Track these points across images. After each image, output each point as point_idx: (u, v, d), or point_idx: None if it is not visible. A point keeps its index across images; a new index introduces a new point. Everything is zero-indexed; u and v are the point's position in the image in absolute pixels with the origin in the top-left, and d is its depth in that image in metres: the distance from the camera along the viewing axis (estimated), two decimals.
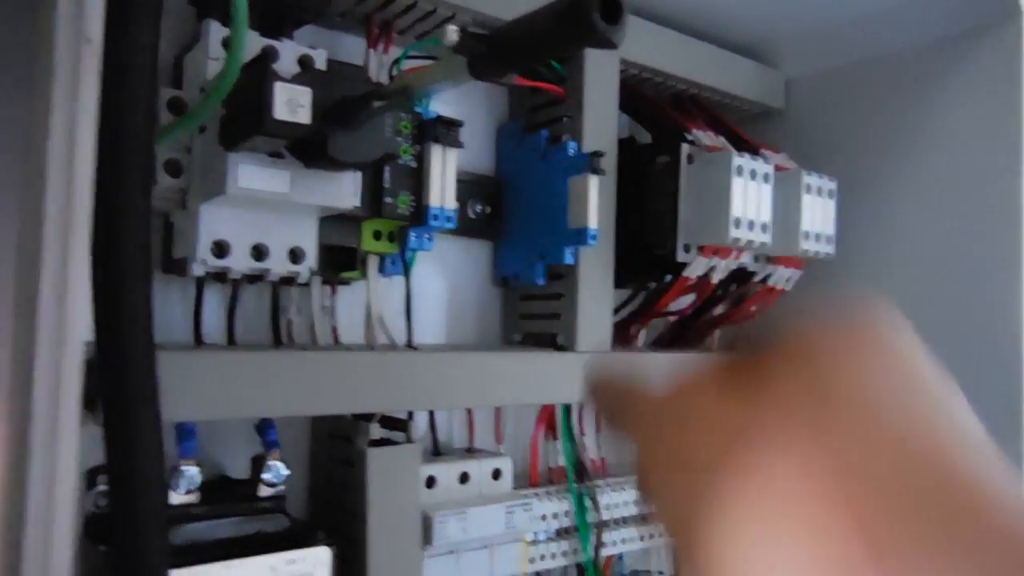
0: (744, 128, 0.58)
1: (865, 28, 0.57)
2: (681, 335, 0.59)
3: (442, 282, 0.53)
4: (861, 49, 0.58)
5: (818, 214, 0.53)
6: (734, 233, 0.48)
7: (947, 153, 0.53)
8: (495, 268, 0.55)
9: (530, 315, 0.53)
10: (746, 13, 0.57)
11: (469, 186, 0.53)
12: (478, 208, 0.53)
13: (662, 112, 0.55)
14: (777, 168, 0.53)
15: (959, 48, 0.53)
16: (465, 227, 0.53)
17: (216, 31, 0.36)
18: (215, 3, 0.37)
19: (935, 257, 0.54)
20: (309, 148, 0.32)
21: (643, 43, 0.52)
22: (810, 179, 0.53)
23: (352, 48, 0.47)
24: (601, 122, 0.50)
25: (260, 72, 0.30)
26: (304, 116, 0.30)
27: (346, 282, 0.46)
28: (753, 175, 0.49)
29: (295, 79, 0.30)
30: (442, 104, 0.48)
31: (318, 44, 0.40)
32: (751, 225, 0.49)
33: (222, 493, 0.39)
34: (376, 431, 0.42)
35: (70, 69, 0.18)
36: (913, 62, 0.55)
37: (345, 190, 0.36)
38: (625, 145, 0.54)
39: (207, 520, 0.37)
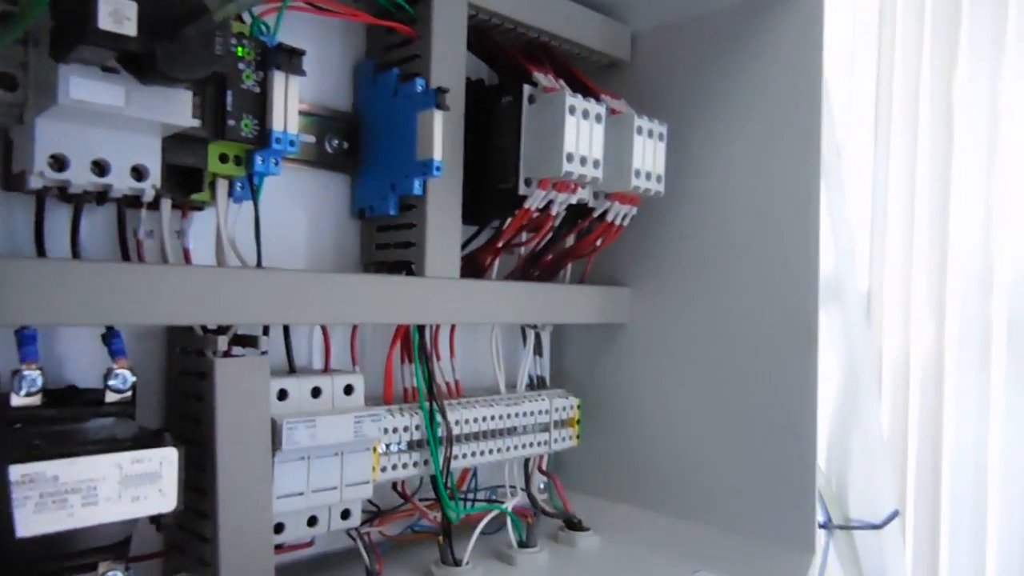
0: (594, 79, 0.63)
1: None
2: (533, 267, 0.64)
3: (301, 213, 0.56)
4: (697, 6, 0.64)
5: (649, 154, 0.58)
6: (567, 167, 0.53)
7: (759, 104, 0.60)
8: (352, 201, 0.57)
9: (385, 245, 0.56)
10: None
11: (327, 121, 0.55)
12: (335, 143, 0.56)
13: (509, 57, 0.59)
14: (613, 112, 0.58)
15: (771, 8, 0.59)
16: (323, 161, 0.56)
17: None
18: None
19: (746, 199, 0.61)
20: (139, 62, 0.34)
21: None
22: (641, 122, 0.58)
23: None
24: (449, 62, 0.53)
25: None
26: (130, 28, 0.32)
27: (199, 207, 0.48)
28: (586, 115, 0.54)
29: None
30: (298, 40, 0.50)
31: None
32: (583, 161, 0.54)
33: (69, 398, 0.41)
34: (223, 345, 0.45)
35: None
36: (735, 20, 0.61)
37: (181, 107, 0.38)
38: (474, 86, 0.58)
39: (52, 423, 0.39)
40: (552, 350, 0.72)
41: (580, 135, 0.53)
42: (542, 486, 0.68)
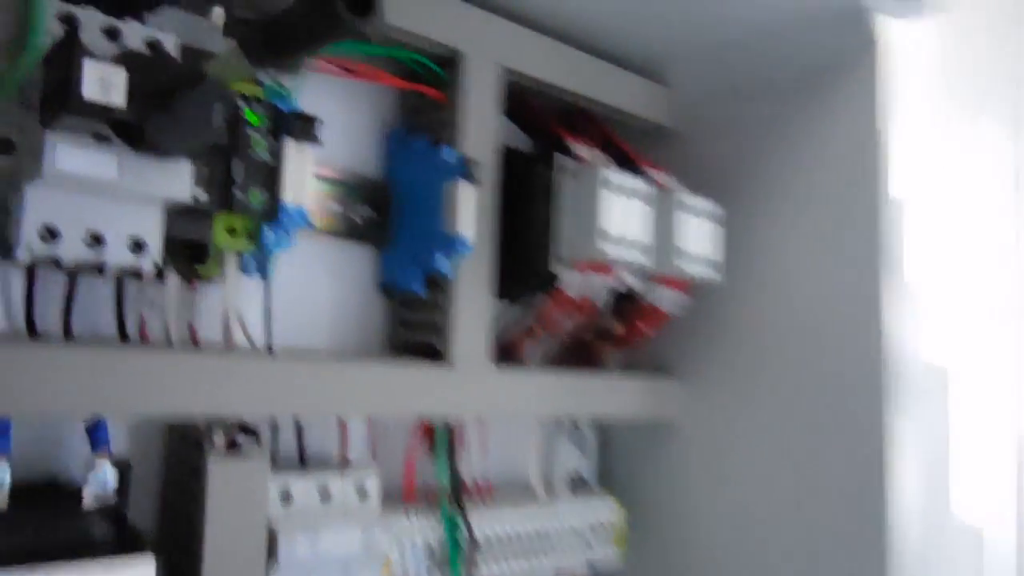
0: (638, 146, 0.58)
1: (749, 50, 0.58)
2: (574, 353, 0.59)
3: (325, 286, 0.52)
4: (744, 72, 0.59)
5: (699, 236, 0.53)
6: (602, 247, 0.47)
7: (818, 177, 0.54)
8: (378, 274, 0.53)
9: (411, 324, 0.52)
10: (636, 30, 0.57)
11: (354, 189, 0.52)
12: (362, 212, 0.52)
13: (544, 122, 0.54)
14: (659, 187, 0.53)
15: (825, 77, 0.54)
16: (350, 231, 0.52)
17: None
18: None
19: (807, 283, 0.54)
20: (131, 132, 0.31)
21: (527, 53, 0.52)
22: (689, 199, 0.52)
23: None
24: (481, 128, 0.49)
25: (68, 47, 0.28)
26: (117, 97, 0.29)
27: (208, 279, 0.45)
28: (624, 191, 0.49)
29: (113, 59, 0.29)
30: (325, 103, 0.47)
31: (180, 30, 0.38)
32: (623, 241, 0.48)
33: (41, 497, 0.36)
34: (222, 439, 0.40)
35: None
36: (788, 88, 0.56)
37: (180, 180, 0.34)
38: (510, 153, 0.54)
39: (18, 524, 0.35)
40: (598, 446, 0.65)
41: (617, 213, 0.48)
42: None
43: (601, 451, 0.66)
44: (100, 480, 0.37)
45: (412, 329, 0.52)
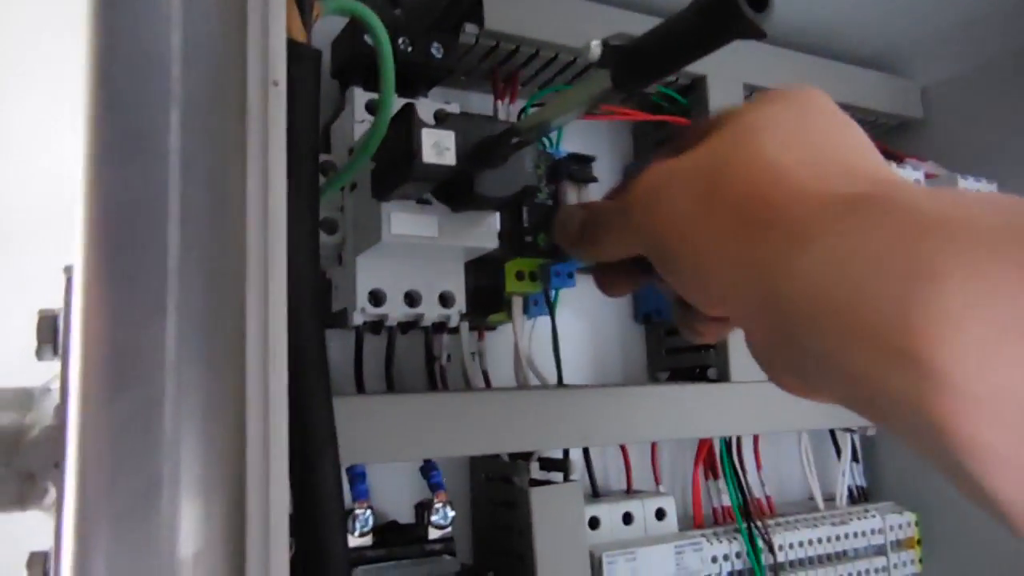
0: (885, 142, 0.56)
1: (993, 25, 0.54)
2: None
3: (584, 322, 0.53)
4: (992, 47, 0.55)
5: None
6: None
7: None
8: (636, 305, 0.54)
9: (675, 349, 0.52)
10: (871, 25, 0.56)
11: None
12: None
13: None
14: (927, 176, 0.50)
15: None
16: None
17: (360, 96, 0.39)
18: (357, 71, 0.40)
19: None
20: (454, 190, 0.34)
21: (767, 67, 0.52)
22: (966, 183, 0.49)
23: (479, 104, 0.49)
24: None
25: (407, 122, 0.32)
26: (449, 158, 0.32)
27: (492, 327, 0.48)
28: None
29: (439, 124, 0.32)
30: (570, 147, 0.50)
31: (450, 102, 0.43)
32: None
33: (393, 537, 0.40)
34: (534, 472, 0.42)
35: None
36: None
37: (487, 230, 0.37)
38: None
39: (382, 562, 0.38)
40: (865, 456, 0.62)
41: None
42: None
43: (871, 459, 0.62)
44: (440, 518, 0.40)
45: (678, 355, 0.52)
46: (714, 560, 0.47)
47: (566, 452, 0.45)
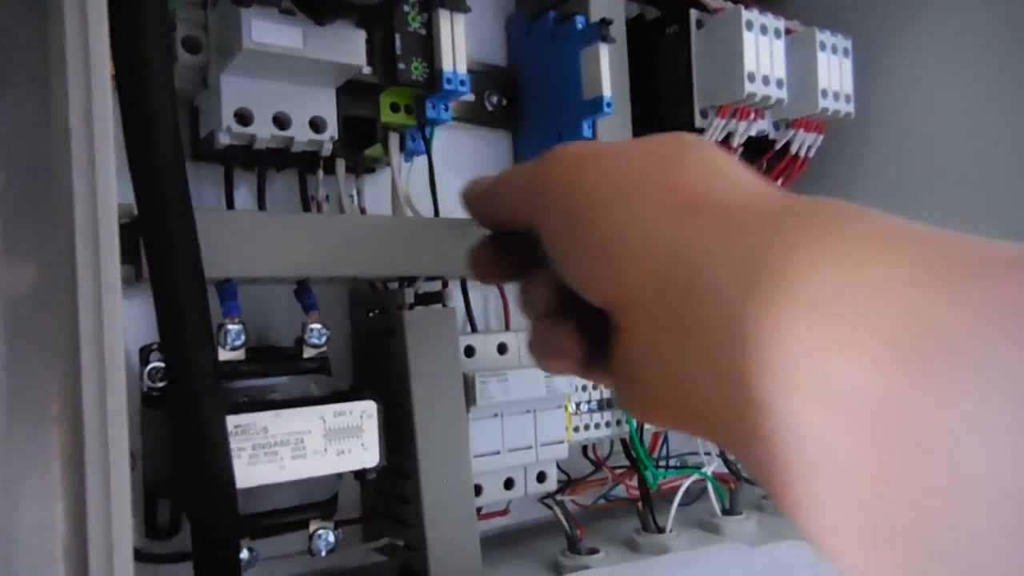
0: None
1: None
2: None
3: (464, 173, 0.54)
4: None
5: (835, 72, 0.53)
6: (749, 88, 0.48)
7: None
8: (515, 156, 0.55)
9: None
10: None
11: (483, 77, 0.54)
12: (494, 99, 0.54)
13: None
14: (788, 32, 0.53)
15: None
16: (482, 118, 0.54)
17: None
18: None
19: (947, 117, 0.53)
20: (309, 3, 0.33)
21: None
22: (823, 36, 0.52)
23: None
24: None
25: None
26: None
27: (371, 168, 0.48)
28: (764, 30, 0.49)
29: None
30: None
31: None
32: (766, 80, 0.49)
33: (268, 354, 0.40)
34: (410, 298, 0.44)
35: None
36: None
37: (355, 48, 0.37)
38: (633, 24, 0.55)
39: (255, 377, 0.39)
40: None
41: (760, 52, 0.49)
42: None
43: None
44: (315, 337, 0.41)
45: None
46: (583, 387, 0.50)
47: (444, 283, 0.46)
